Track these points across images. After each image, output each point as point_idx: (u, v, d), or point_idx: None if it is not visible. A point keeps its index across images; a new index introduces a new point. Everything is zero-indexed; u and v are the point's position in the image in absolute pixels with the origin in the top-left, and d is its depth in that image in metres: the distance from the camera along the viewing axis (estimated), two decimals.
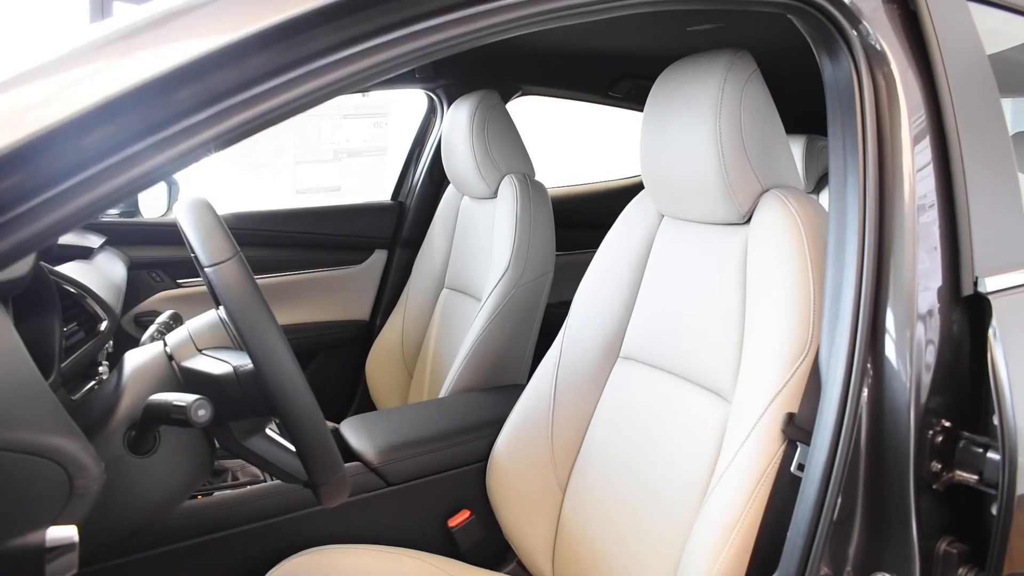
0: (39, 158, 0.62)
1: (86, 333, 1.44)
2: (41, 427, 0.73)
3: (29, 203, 0.62)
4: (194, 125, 0.67)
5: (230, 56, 0.67)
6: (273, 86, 0.69)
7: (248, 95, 0.68)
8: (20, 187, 0.61)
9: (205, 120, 0.67)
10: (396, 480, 1.58)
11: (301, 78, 0.70)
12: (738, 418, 1.18)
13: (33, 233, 0.63)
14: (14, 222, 0.62)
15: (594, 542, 1.41)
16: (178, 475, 1.01)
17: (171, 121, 0.66)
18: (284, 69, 0.70)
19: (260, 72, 0.69)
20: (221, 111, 0.68)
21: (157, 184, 2.24)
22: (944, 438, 0.98)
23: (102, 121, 0.63)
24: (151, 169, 0.66)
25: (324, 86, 0.72)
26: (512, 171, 2.07)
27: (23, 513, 0.71)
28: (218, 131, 0.68)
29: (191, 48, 0.66)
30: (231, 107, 0.68)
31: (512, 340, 1.97)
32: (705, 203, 1.30)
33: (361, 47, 0.72)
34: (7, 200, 0.61)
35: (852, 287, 1.01)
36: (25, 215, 0.62)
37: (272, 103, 0.70)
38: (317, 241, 2.51)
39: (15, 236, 0.62)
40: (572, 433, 1.51)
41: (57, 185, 0.63)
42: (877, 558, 0.99)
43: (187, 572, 1.41)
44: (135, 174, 0.66)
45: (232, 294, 0.92)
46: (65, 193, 0.63)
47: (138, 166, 0.66)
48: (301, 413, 0.92)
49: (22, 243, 0.62)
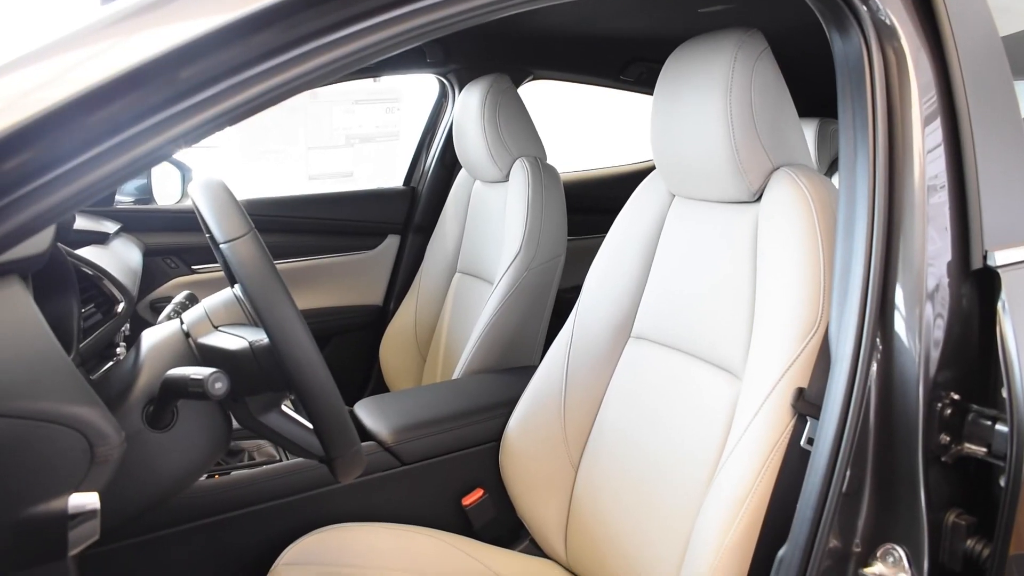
0: (44, 138, 0.63)
1: (103, 315, 1.46)
2: (62, 397, 0.74)
3: (37, 181, 0.63)
4: (198, 104, 0.68)
5: (234, 34, 0.68)
6: (279, 63, 0.70)
7: (253, 72, 0.69)
8: (28, 166, 0.63)
9: (209, 99, 0.68)
10: (410, 459, 1.60)
11: (307, 55, 0.71)
12: (748, 394, 1.19)
13: (42, 211, 0.64)
14: (24, 199, 0.63)
15: (606, 520, 1.43)
16: (196, 450, 1.03)
17: (175, 100, 0.67)
18: (290, 46, 0.71)
19: (265, 50, 0.70)
20: (225, 89, 0.69)
21: (164, 165, 2.27)
22: (953, 411, 0.99)
23: (106, 101, 0.65)
24: (155, 148, 0.67)
25: (330, 62, 0.73)
26: (524, 154, 2.08)
27: (46, 480, 0.73)
28: (222, 109, 0.69)
29: (194, 27, 0.67)
30: (235, 85, 0.69)
31: (524, 322, 1.98)
32: (716, 182, 1.30)
33: (367, 23, 0.73)
34: (16, 178, 0.63)
35: (861, 262, 1.01)
36: (33, 193, 0.63)
37: (278, 80, 0.71)
38: (330, 227, 2.53)
39: (25, 213, 0.63)
40: (584, 412, 1.52)
41: (64, 164, 0.64)
42: (886, 530, 1.00)
43: (205, 550, 1.44)
44: (140, 152, 0.67)
45: (247, 270, 0.93)
46: (72, 172, 0.64)
47: (142, 145, 0.67)
48: (316, 387, 0.93)
49: (33, 220, 0.64)
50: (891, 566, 0.99)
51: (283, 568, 1.35)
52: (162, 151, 0.69)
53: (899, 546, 0.98)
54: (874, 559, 1.00)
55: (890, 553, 0.99)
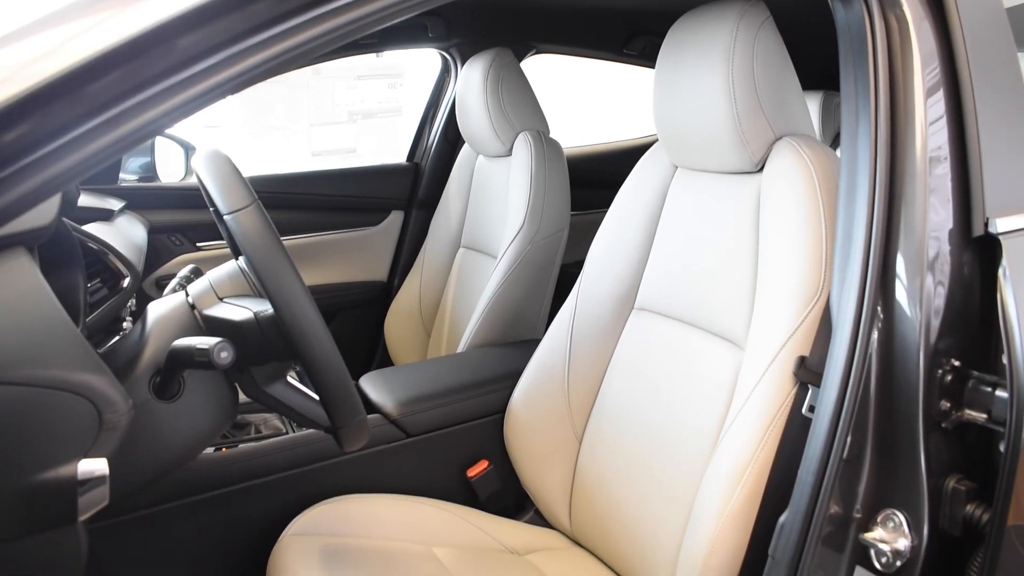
0: (45, 109, 0.64)
1: (109, 290, 1.47)
2: (70, 364, 0.75)
3: (37, 153, 0.64)
4: (196, 74, 0.68)
5: (232, 4, 0.68)
6: (280, 31, 0.71)
7: (252, 42, 0.70)
8: (28, 138, 0.63)
9: (207, 69, 0.68)
10: (415, 431, 1.61)
11: (309, 23, 0.71)
12: (750, 363, 1.20)
13: (44, 181, 0.65)
14: (25, 170, 0.64)
15: (610, 490, 1.44)
16: (203, 420, 1.04)
17: (174, 70, 0.67)
18: (291, 14, 0.71)
19: (265, 19, 0.70)
20: (224, 59, 0.69)
21: (168, 143, 2.27)
22: (953, 377, 0.99)
23: (105, 72, 0.65)
24: (155, 118, 0.68)
25: (331, 31, 0.73)
26: (526, 128, 2.08)
27: (56, 446, 0.74)
28: (221, 80, 0.69)
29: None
30: (234, 55, 0.69)
31: (528, 296, 1.99)
32: (718, 152, 1.30)
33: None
34: (17, 149, 0.63)
35: (863, 229, 1.01)
36: (34, 164, 0.64)
37: (278, 49, 0.71)
38: (333, 203, 2.53)
39: (27, 184, 0.64)
40: (588, 384, 1.53)
41: (64, 135, 0.64)
42: (886, 496, 1.01)
43: (213, 522, 1.45)
44: (139, 123, 0.67)
45: (251, 240, 0.94)
46: (72, 143, 0.65)
47: (142, 116, 0.67)
48: (321, 356, 0.94)
49: (35, 191, 0.65)
50: (891, 531, 0.99)
51: (290, 539, 1.37)
52: (162, 122, 0.69)
53: (899, 511, 0.99)
54: (874, 524, 1.01)
55: (890, 518, 1.00)
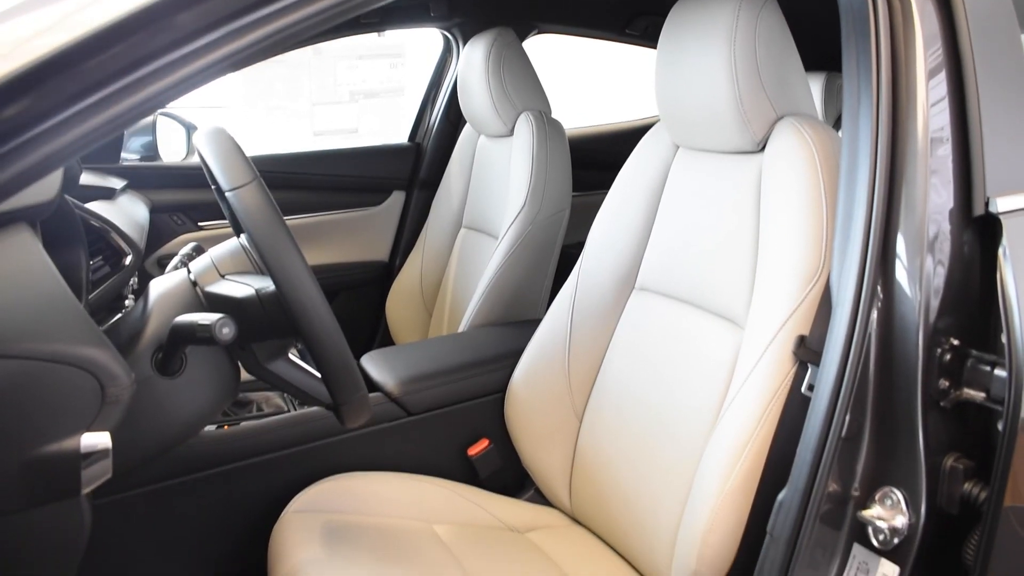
0: (45, 84, 0.64)
1: (111, 267, 1.48)
2: (72, 338, 0.76)
3: (39, 127, 0.64)
4: (197, 50, 0.68)
5: None
6: (281, 7, 0.70)
7: (254, 17, 0.69)
8: (29, 112, 0.64)
9: (208, 45, 0.68)
10: (416, 410, 1.62)
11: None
12: (751, 342, 1.20)
13: (45, 156, 0.65)
14: (27, 145, 0.64)
15: (610, 468, 1.45)
16: (205, 396, 1.05)
17: (175, 45, 0.67)
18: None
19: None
20: (225, 35, 0.69)
21: (169, 122, 2.27)
22: (952, 356, 1.00)
23: (104, 46, 0.65)
24: (157, 93, 0.68)
25: (333, 6, 0.73)
26: (528, 108, 2.07)
27: (59, 420, 0.75)
28: (221, 56, 0.69)
29: None
30: (235, 31, 0.69)
31: (529, 276, 1.99)
32: (719, 131, 1.30)
33: None
34: (18, 124, 0.63)
35: (863, 208, 1.01)
36: (36, 139, 0.64)
37: (278, 24, 0.71)
38: (335, 183, 2.53)
39: (28, 159, 0.64)
40: (588, 363, 1.53)
41: (64, 110, 0.65)
42: (884, 473, 1.02)
43: (216, 498, 1.47)
44: (139, 99, 0.67)
45: (252, 217, 0.94)
46: (72, 118, 0.65)
47: (143, 91, 0.67)
48: (322, 332, 0.94)
49: (37, 166, 0.65)
50: (889, 509, 1.00)
51: (292, 516, 1.38)
52: (161, 98, 0.69)
53: (897, 489, 1.00)
54: (872, 502, 1.02)
55: (888, 496, 1.00)
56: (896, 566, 0.99)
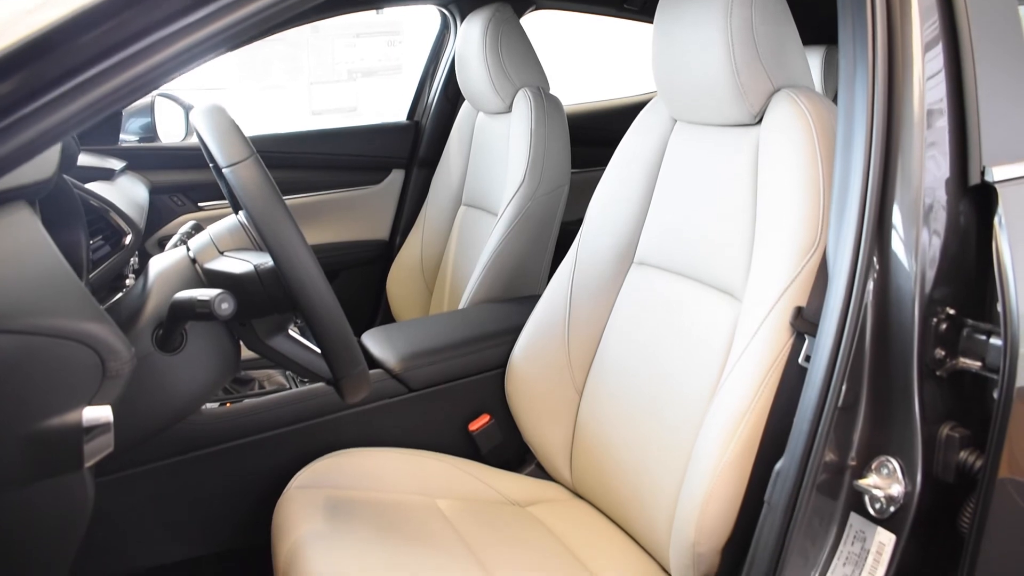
0: (39, 60, 0.64)
1: (111, 247, 1.48)
2: (73, 313, 0.77)
3: (37, 102, 0.64)
4: (194, 23, 0.68)
5: None
6: None
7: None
8: (26, 87, 0.64)
9: (204, 18, 0.68)
10: (417, 386, 1.63)
11: None
12: (748, 314, 1.21)
13: (40, 132, 0.65)
14: (23, 120, 0.64)
15: (610, 442, 1.46)
16: (205, 372, 1.06)
17: (171, 19, 0.67)
18: None
19: None
20: (222, 7, 0.69)
21: (168, 103, 2.26)
22: (948, 326, 1.00)
23: (97, 22, 0.65)
24: (154, 67, 0.68)
25: None
26: (526, 84, 2.07)
27: (60, 394, 0.75)
28: (218, 27, 0.69)
29: None
30: (232, 3, 0.69)
31: (529, 252, 1.99)
32: (716, 104, 1.30)
33: None
34: (16, 99, 0.64)
35: (859, 178, 1.01)
36: (34, 113, 0.65)
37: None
38: (334, 162, 2.53)
39: (25, 134, 0.64)
40: (588, 338, 1.54)
41: (59, 86, 0.65)
42: (880, 443, 1.02)
43: (219, 475, 1.48)
44: (134, 75, 0.67)
45: (250, 193, 0.95)
46: (70, 93, 0.65)
47: (138, 65, 0.67)
48: (320, 306, 0.95)
49: (33, 141, 0.65)
50: (885, 477, 1.01)
51: (295, 491, 1.39)
52: (156, 74, 0.69)
53: (893, 458, 1.00)
54: (869, 471, 1.02)
55: (884, 465, 1.01)
56: (892, 534, 1.00)
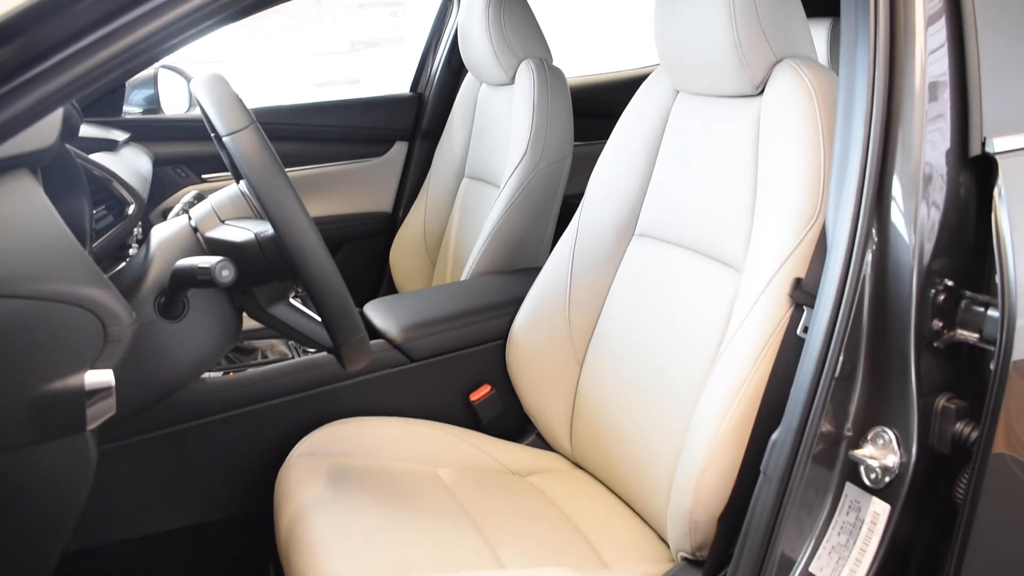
0: (36, 26, 0.64)
1: (115, 217, 1.49)
2: (74, 279, 0.77)
3: (32, 70, 0.65)
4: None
5: None
6: None
7: None
8: (24, 54, 0.64)
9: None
10: (419, 356, 1.64)
11: None
12: (747, 285, 1.21)
13: (39, 99, 0.65)
14: (21, 88, 0.65)
15: (610, 412, 1.47)
16: (207, 339, 1.07)
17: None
18: None
19: None
20: None
21: (170, 75, 2.26)
22: (946, 297, 1.00)
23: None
24: (150, 35, 0.68)
25: None
26: (529, 56, 2.06)
27: (63, 358, 0.76)
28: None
29: None
30: None
31: (531, 224, 2.00)
32: (718, 75, 1.29)
33: None
34: (16, 66, 0.64)
35: (859, 150, 1.01)
36: (30, 82, 0.65)
37: None
38: (337, 134, 2.53)
39: (22, 102, 0.65)
40: (588, 309, 1.55)
41: (57, 53, 0.65)
42: (877, 413, 1.03)
43: (223, 442, 1.50)
44: (132, 40, 0.68)
45: (249, 161, 0.95)
46: (66, 60, 0.65)
47: (136, 32, 0.68)
48: (320, 274, 0.96)
49: (31, 108, 0.65)
50: (880, 448, 1.01)
51: (298, 459, 1.41)
52: (156, 39, 0.69)
53: (889, 429, 1.01)
54: (865, 441, 1.03)
55: (880, 435, 1.02)
56: (887, 504, 1.00)
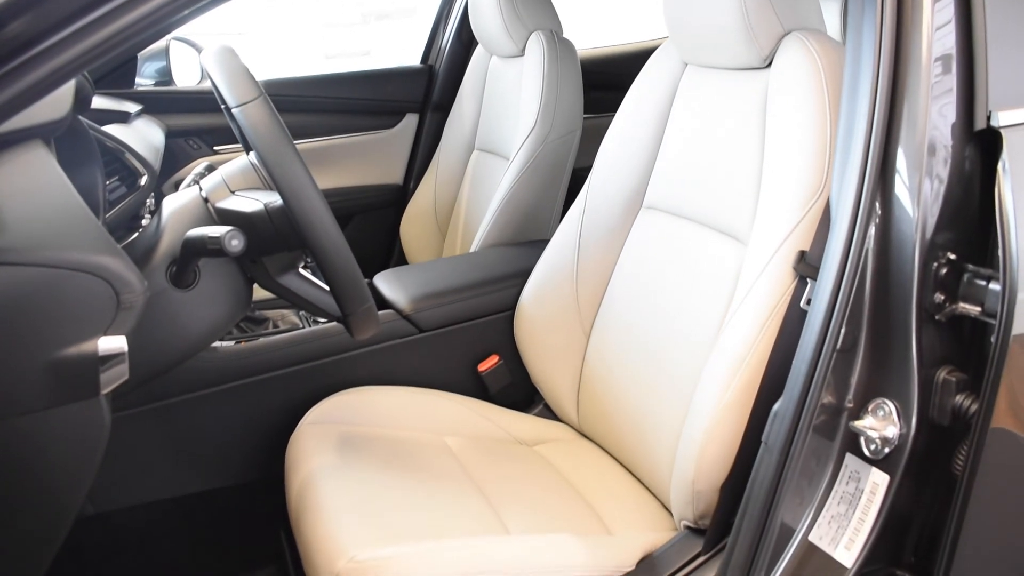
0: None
1: (127, 188, 1.50)
2: (87, 248, 0.79)
3: (44, 43, 0.66)
4: None
5: None
6: None
7: None
8: (33, 28, 0.65)
9: None
10: (428, 327, 1.66)
11: None
12: (753, 258, 1.22)
13: (52, 70, 0.67)
14: (34, 60, 0.66)
15: (615, 383, 1.48)
16: (218, 307, 1.09)
17: None
18: None
19: None
20: None
21: (182, 47, 2.27)
22: (949, 271, 1.00)
23: None
24: (160, 6, 0.69)
25: None
26: (539, 27, 2.05)
27: (77, 324, 0.78)
28: None
29: None
30: None
31: (540, 197, 2.00)
32: (726, 47, 1.29)
33: None
34: (25, 40, 0.65)
35: (864, 122, 1.01)
36: (43, 54, 0.66)
37: None
38: (348, 106, 2.53)
39: (35, 74, 0.66)
40: (596, 281, 1.56)
41: (68, 25, 0.66)
42: (878, 385, 1.03)
43: (235, 410, 1.52)
44: (144, 11, 0.69)
45: (259, 132, 0.96)
46: (77, 33, 0.67)
47: (148, 2, 0.68)
48: (328, 244, 0.97)
49: (43, 80, 0.67)
50: (881, 419, 1.02)
51: (308, 427, 1.43)
52: (167, 9, 0.70)
53: (890, 400, 1.02)
54: (865, 413, 1.04)
55: (881, 407, 1.03)
56: (886, 475, 1.02)
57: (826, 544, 1.05)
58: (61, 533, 0.93)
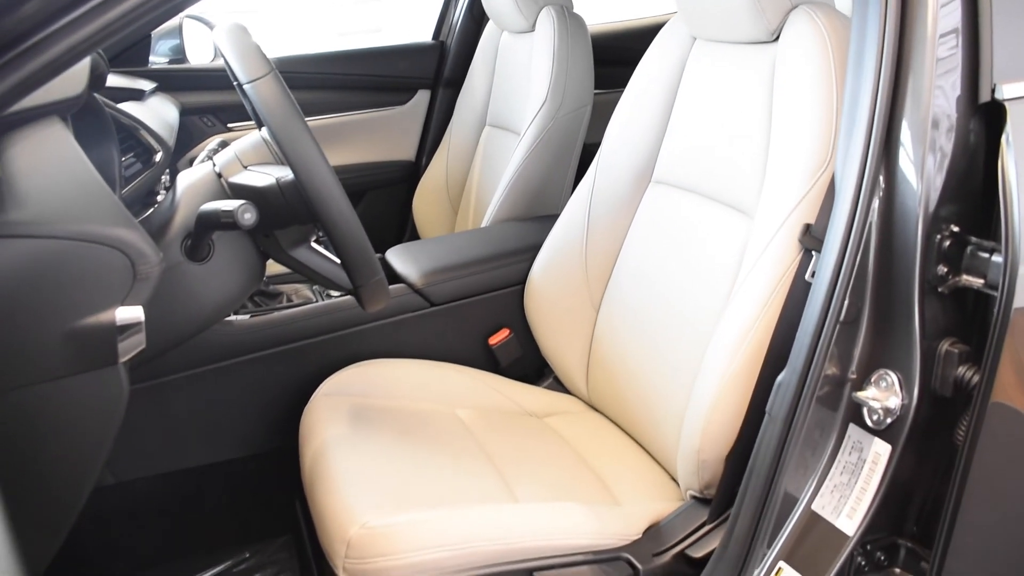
0: None
1: (142, 164, 1.53)
2: (104, 220, 0.82)
3: (59, 21, 0.68)
4: None
5: None
6: None
7: None
8: (49, 7, 0.67)
9: None
10: (439, 301, 1.68)
11: None
12: (759, 231, 1.23)
13: (68, 47, 0.69)
14: (50, 38, 0.68)
15: (624, 356, 1.50)
16: (232, 280, 1.11)
17: None
18: None
19: None
20: None
21: (196, 24, 2.29)
22: (952, 243, 1.01)
23: None
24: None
25: None
26: (549, 2, 2.05)
27: (95, 294, 0.81)
28: None
29: None
30: None
31: (551, 171, 2.01)
32: (734, 21, 1.30)
33: None
34: (41, 19, 0.67)
35: (868, 95, 1.02)
36: (58, 32, 0.68)
37: None
38: (360, 83, 2.54)
39: (52, 51, 0.68)
40: (605, 255, 1.57)
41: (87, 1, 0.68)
42: (880, 356, 1.05)
43: (250, 382, 1.55)
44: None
45: (270, 107, 0.98)
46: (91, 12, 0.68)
47: None
48: (339, 217, 0.99)
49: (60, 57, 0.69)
50: (883, 390, 1.03)
51: (321, 398, 1.46)
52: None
53: (892, 371, 1.03)
54: (868, 384, 1.05)
55: (883, 378, 1.04)
56: (888, 445, 1.03)
57: (829, 513, 1.06)
58: (80, 499, 0.96)
